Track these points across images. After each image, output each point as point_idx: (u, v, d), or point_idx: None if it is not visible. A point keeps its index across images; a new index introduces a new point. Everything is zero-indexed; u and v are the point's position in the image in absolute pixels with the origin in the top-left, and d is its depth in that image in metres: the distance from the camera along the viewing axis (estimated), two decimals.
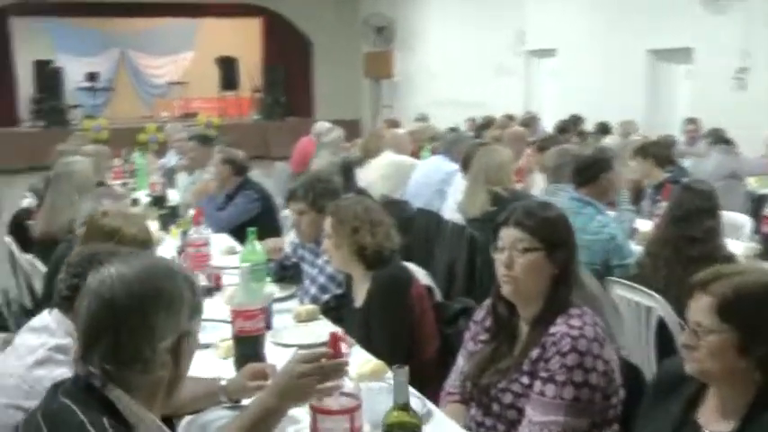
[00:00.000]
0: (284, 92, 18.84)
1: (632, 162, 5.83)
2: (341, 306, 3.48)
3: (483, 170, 5.08)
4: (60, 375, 1.91)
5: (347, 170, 5.04)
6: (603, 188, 4.28)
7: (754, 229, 4.81)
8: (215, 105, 19.68)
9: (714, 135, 7.69)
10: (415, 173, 6.50)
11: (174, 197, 6.57)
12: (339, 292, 3.57)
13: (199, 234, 4.17)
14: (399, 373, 1.79)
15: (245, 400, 2.38)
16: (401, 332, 3.01)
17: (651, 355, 3.61)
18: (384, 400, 2.04)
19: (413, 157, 7.80)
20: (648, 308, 3.57)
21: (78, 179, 4.89)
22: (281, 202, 5.60)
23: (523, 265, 2.34)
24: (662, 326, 3.52)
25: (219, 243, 4.77)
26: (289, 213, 4.43)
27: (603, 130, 9.14)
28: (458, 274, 5.07)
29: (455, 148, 6.31)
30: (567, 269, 2.36)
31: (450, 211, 5.54)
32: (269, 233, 4.74)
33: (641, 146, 5.93)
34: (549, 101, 12.94)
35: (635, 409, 2.22)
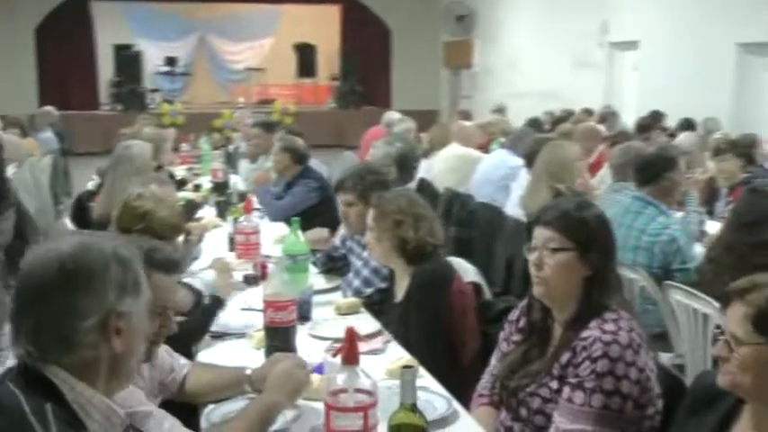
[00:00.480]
0: (361, 80, 18.90)
1: (711, 161, 5.65)
2: (384, 300, 3.47)
3: (546, 166, 4.99)
4: None
5: (403, 161, 5.00)
6: (666, 188, 4.15)
7: None
8: (292, 92, 19.92)
9: None
10: (480, 167, 6.43)
11: (238, 184, 6.65)
12: (383, 285, 3.55)
13: (249, 222, 4.21)
14: (407, 373, 1.77)
15: None
16: (439, 330, 2.98)
17: (709, 365, 3.49)
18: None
19: (482, 149, 7.74)
20: (706, 315, 3.45)
21: (138, 163, 4.97)
22: None
23: (553, 266, 2.29)
24: None
25: (274, 232, 4.80)
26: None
27: (687, 126, 8.87)
28: (516, 270, 5.01)
29: (520, 142, 6.22)
30: (602, 272, 2.29)
31: (513, 207, 5.48)
32: (328, 223, 4.74)
33: (720, 144, 5.75)
34: (631, 95, 12.64)
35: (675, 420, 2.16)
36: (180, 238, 3.92)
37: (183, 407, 2.47)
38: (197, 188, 6.44)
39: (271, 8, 20.57)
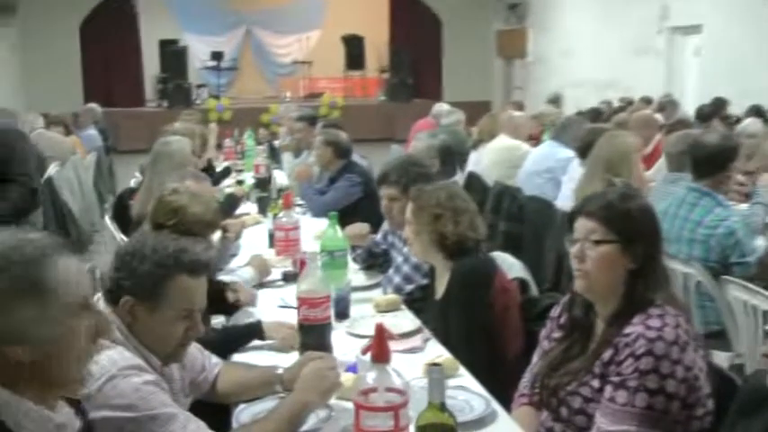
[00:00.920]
0: (411, 72, 18.87)
1: None
2: (426, 297, 3.46)
3: (603, 158, 4.87)
4: (98, 359, 1.97)
5: (447, 154, 4.97)
6: (725, 178, 4.05)
7: None
8: (340, 85, 19.99)
9: None
10: (528, 159, 6.37)
11: (282, 179, 6.68)
12: (424, 282, 3.54)
13: (288, 218, 4.23)
14: (434, 371, 1.75)
15: None
16: (479, 328, 2.95)
17: None
18: None
19: (534, 141, 7.67)
20: (766, 312, 3.36)
21: (177, 158, 5.01)
22: None
23: (595, 259, 2.25)
24: None
25: (316, 228, 4.80)
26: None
27: (756, 113, 8.61)
28: (566, 266, 4.94)
29: (566, 133, 6.14)
30: (647, 265, 2.24)
31: (564, 200, 5.41)
32: (370, 218, 4.73)
33: None
34: (693, 83, 12.40)
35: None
36: (217, 235, 3.96)
37: (215, 407, 2.49)
38: (240, 184, 6.49)
39: None
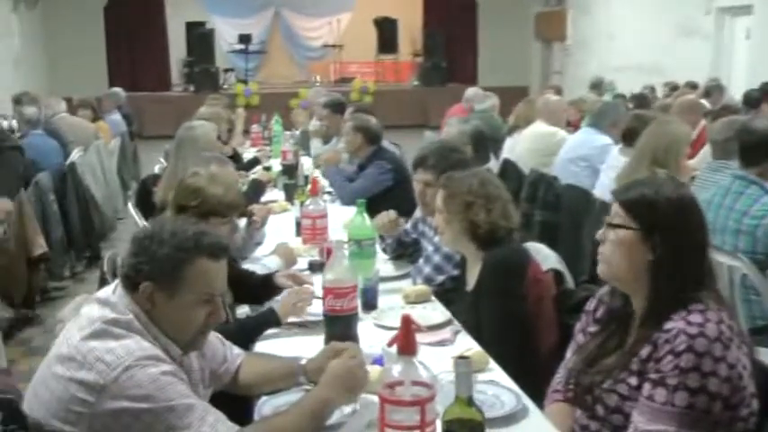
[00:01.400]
0: (446, 56, 18.83)
1: None
2: (457, 288, 3.44)
3: (651, 148, 4.75)
4: (113, 349, 1.98)
5: (479, 140, 4.94)
6: None
7: None
8: (372, 70, 19.98)
9: None
10: (564, 146, 6.32)
11: (310, 165, 6.69)
12: (455, 273, 3.52)
13: (315, 206, 4.22)
14: (461, 364, 1.74)
15: None
16: (512, 320, 2.93)
17: None
18: None
19: (573, 128, 7.60)
20: None
21: (201, 143, 5.03)
22: None
23: (612, 242, 2.25)
24: None
25: (345, 217, 4.79)
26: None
27: None
28: None
29: (603, 119, 6.08)
30: (669, 258, 2.20)
31: (603, 189, 5.35)
32: (401, 207, 4.71)
33: None
34: (741, 67, 12.23)
35: None
36: (242, 222, 3.97)
37: (236, 399, 2.50)
38: (267, 170, 6.50)
39: None
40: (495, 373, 2.58)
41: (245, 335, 2.92)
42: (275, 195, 5.72)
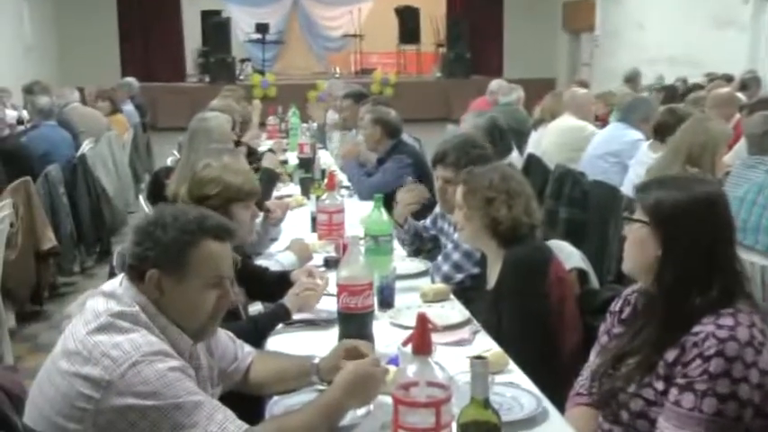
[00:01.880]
0: (470, 47, 18.74)
1: None
2: (477, 287, 3.43)
3: (687, 145, 4.70)
4: (120, 343, 1.98)
5: (495, 134, 4.92)
6: None
7: None
8: (393, 61, 19.96)
9: None
10: (592, 141, 6.29)
11: (327, 158, 6.69)
12: (475, 271, 3.51)
13: (332, 200, 4.22)
14: (477, 365, 1.73)
15: None
16: (533, 321, 2.91)
17: None
18: None
19: (602, 122, 7.57)
20: None
21: (215, 135, 5.03)
22: None
23: (629, 236, 2.33)
24: None
25: (363, 212, 4.78)
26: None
27: None
28: None
29: (633, 113, 6.04)
30: (674, 256, 2.21)
31: (631, 185, 5.31)
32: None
33: None
34: None
35: None
36: (259, 219, 3.98)
37: (247, 399, 2.50)
38: (283, 164, 6.51)
39: None
40: (515, 374, 2.56)
41: (256, 332, 2.93)
42: (291, 189, 5.73)
